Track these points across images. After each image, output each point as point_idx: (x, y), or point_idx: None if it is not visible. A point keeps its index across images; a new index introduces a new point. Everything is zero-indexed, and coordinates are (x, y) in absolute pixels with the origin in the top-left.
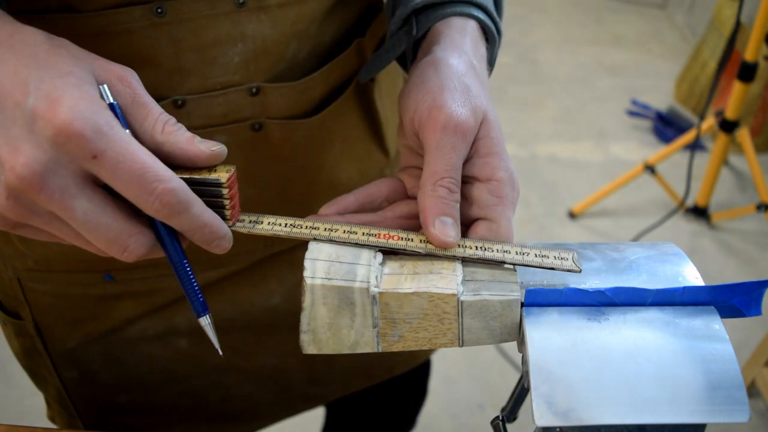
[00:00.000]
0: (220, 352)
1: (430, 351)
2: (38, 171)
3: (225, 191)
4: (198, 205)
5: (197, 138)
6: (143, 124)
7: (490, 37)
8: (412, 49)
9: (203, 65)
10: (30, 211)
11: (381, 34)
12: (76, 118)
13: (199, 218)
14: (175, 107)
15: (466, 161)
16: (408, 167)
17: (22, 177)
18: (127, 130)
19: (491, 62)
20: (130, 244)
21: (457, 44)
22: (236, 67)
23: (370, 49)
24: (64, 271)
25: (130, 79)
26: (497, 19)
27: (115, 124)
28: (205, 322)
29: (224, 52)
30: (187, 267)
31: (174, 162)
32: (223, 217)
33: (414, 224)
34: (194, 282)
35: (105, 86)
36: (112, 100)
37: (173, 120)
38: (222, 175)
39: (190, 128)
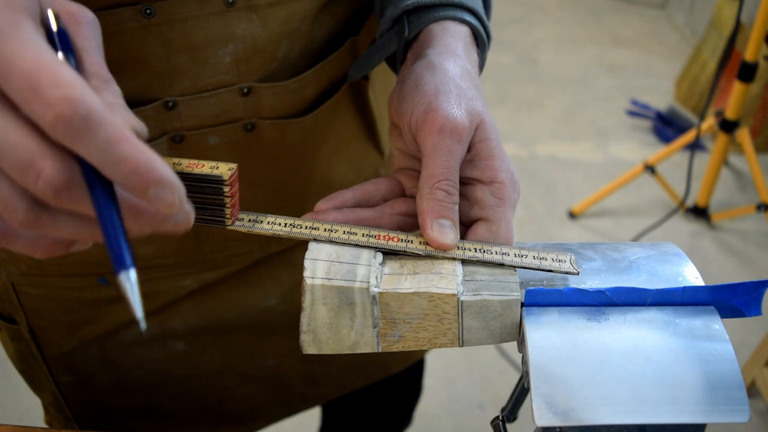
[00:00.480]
0: (142, 324)
1: (426, 350)
2: None
3: (226, 189)
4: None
5: (122, 106)
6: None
7: (480, 43)
8: (403, 49)
9: (194, 66)
10: None
11: (375, 33)
12: None
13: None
14: (167, 109)
15: (468, 164)
16: (403, 169)
17: None
18: (59, 54)
19: (480, 67)
20: (44, 168)
21: (451, 48)
22: (227, 68)
23: (365, 47)
24: (58, 275)
25: (79, 18)
26: (487, 23)
27: (20, 24)
28: (127, 278)
29: (215, 53)
30: (114, 213)
31: None
32: (223, 216)
33: (412, 222)
34: (120, 231)
35: (49, 11)
36: (55, 27)
37: (108, 78)
38: (224, 172)
39: (182, 129)
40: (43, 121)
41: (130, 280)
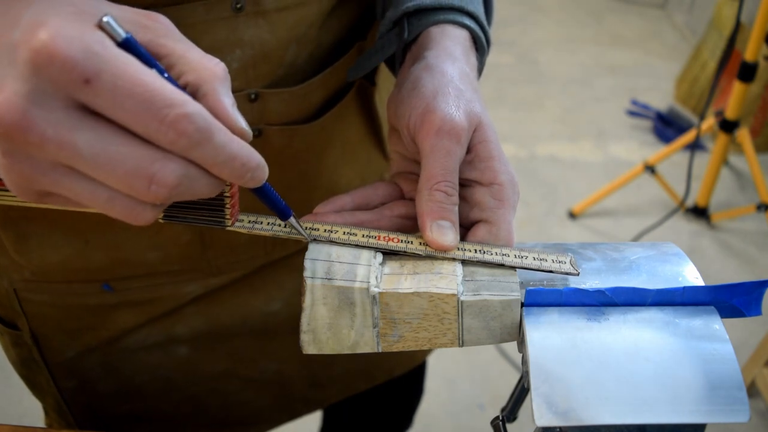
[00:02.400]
0: (307, 239)
1: (428, 351)
2: (19, 105)
3: (227, 189)
4: (222, 132)
5: (233, 102)
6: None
7: (480, 47)
8: (402, 51)
9: None
10: (33, 168)
11: None
12: (58, 36)
13: (226, 148)
14: None
15: (467, 165)
16: (402, 172)
17: (2, 117)
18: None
19: (479, 71)
20: (156, 171)
21: (450, 51)
22: (235, 73)
23: None
24: (61, 281)
25: (155, 16)
26: (487, 28)
27: (110, 44)
28: (291, 221)
29: (222, 58)
30: (267, 185)
31: None
32: (223, 217)
33: (411, 225)
34: (276, 195)
35: (110, 17)
36: (123, 33)
37: (220, 64)
38: None
39: None
40: (164, 139)
41: (292, 222)
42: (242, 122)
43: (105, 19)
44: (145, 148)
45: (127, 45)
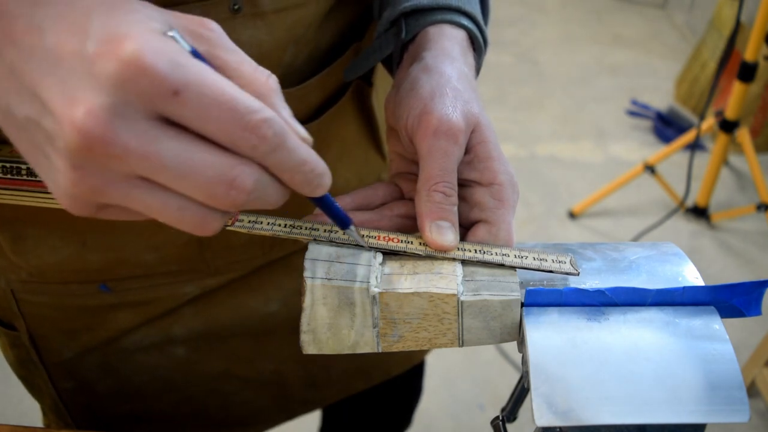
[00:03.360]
0: (366, 246)
1: (427, 351)
2: (104, 118)
3: None
4: (293, 137)
5: (291, 113)
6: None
7: (477, 47)
8: (399, 51)
9: None
10: (105, 181)
11: None
12: (145, 49)
13: (297, 153)
14: None
15: (466, 166)
16: (401, 173)
17: (86, 130)
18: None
19: (476, 72)
20: (236, 176)
21: (448, 51)
22: None
23: None
24: (59, 282)
25: (209, 25)
26: (484, 28)
27: (188, 55)
28: (351, 231)
29: None
30: (327, 195)
31: None
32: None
33: (412, 224)
34: (335, 204)
35: (175, 31)
36: (188, 46)
37: (272, 77)
38: None
39: None
40: (246, 144)
41: (352, 232)
42: (304, 131)
43: (171, 33)
44: (223, 154)
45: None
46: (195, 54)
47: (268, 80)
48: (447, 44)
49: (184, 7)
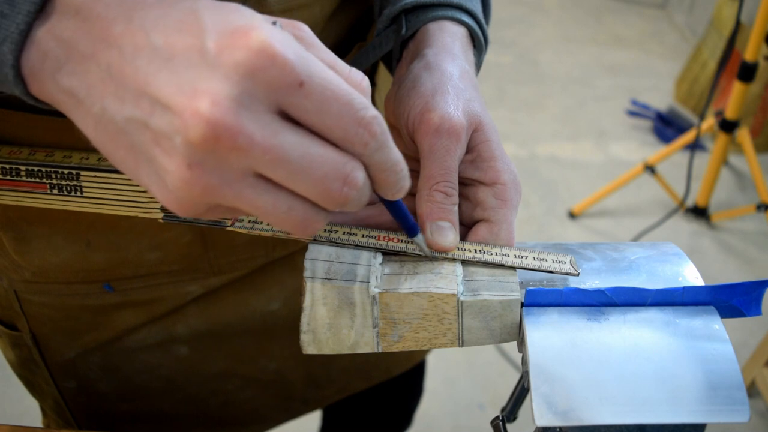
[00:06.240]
0: (430, 255)
1: (427, 351)
2: (231, 108)
3: None
4: (390, 137)
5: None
6: None
7: (477, 45)
8: (399, 48)
9: None
10: (221, 179)
11: None
12: (273, 39)
13: (395, 152)
14: None
15: (469, 165)
16: None
17: (213, 121)
18: None
19: (476, 69)
20: (350, 171)
21: (449, 49)
22: None
23: None
24: (62, 282)
25: (301, 26)
26: (485, 26)
27: (305, 49)
28: (418, 239)
29: None
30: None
31: None
32: (222, 217)
33: (414, 219)
34: (406, 211)
35: (280, 26)
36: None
37: (365, 78)
38: None
39: None
40: (359, 141)
41: (419, 240)
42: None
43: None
44: (336, 150)
45: None
46: None
47: (363, 82)
48: (448, 41)
49: None
